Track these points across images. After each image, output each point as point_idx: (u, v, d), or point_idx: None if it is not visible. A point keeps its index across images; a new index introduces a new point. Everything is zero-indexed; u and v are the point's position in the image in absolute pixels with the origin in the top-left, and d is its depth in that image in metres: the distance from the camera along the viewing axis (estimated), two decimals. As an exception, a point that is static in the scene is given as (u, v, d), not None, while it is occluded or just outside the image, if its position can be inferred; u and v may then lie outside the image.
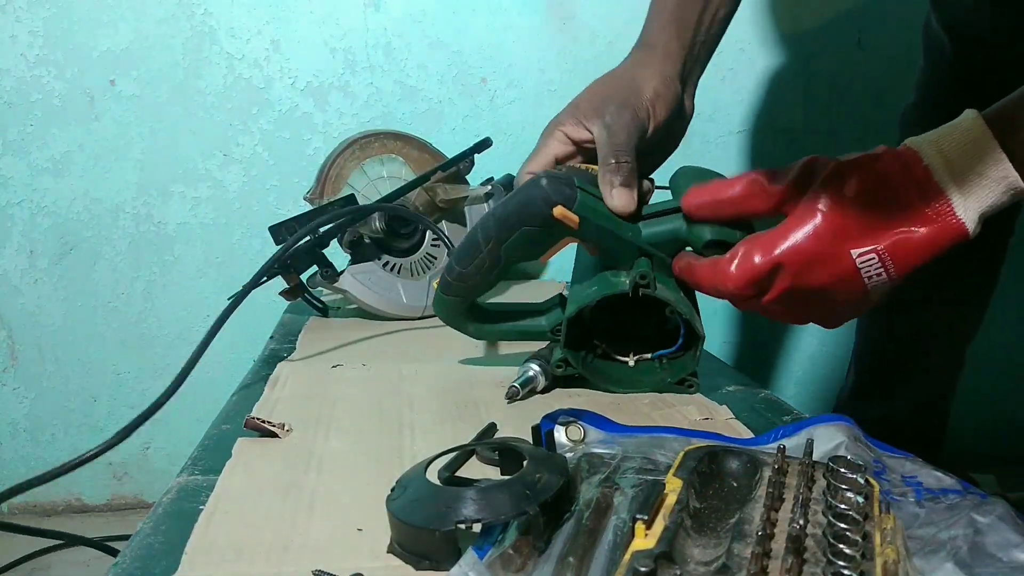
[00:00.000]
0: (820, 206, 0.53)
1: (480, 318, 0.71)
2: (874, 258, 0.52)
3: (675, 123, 0.74)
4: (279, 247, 0.85)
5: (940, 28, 0.95)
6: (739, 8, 0.80)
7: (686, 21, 0.74)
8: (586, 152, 0.71)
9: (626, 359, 0.68)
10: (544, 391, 0.68)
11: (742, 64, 1.35)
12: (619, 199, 0.63)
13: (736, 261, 0.55)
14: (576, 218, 0.60)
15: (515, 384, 0.66)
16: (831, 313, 0.58)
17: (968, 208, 0.50)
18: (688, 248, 0.64)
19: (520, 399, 0.66)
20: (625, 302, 0.64)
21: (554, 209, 0.60)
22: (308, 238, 0.88)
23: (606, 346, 0.68)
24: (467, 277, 0.65)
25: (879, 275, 0.52)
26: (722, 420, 0.61)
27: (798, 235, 0.53)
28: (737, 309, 0.63)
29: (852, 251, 0.52)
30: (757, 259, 0.54)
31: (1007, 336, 1.44)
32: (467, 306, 0.69)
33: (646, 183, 0.69)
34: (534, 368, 0.67)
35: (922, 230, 0.51)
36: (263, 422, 0.58)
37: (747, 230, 0.60)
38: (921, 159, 0.51)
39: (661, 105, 0.71)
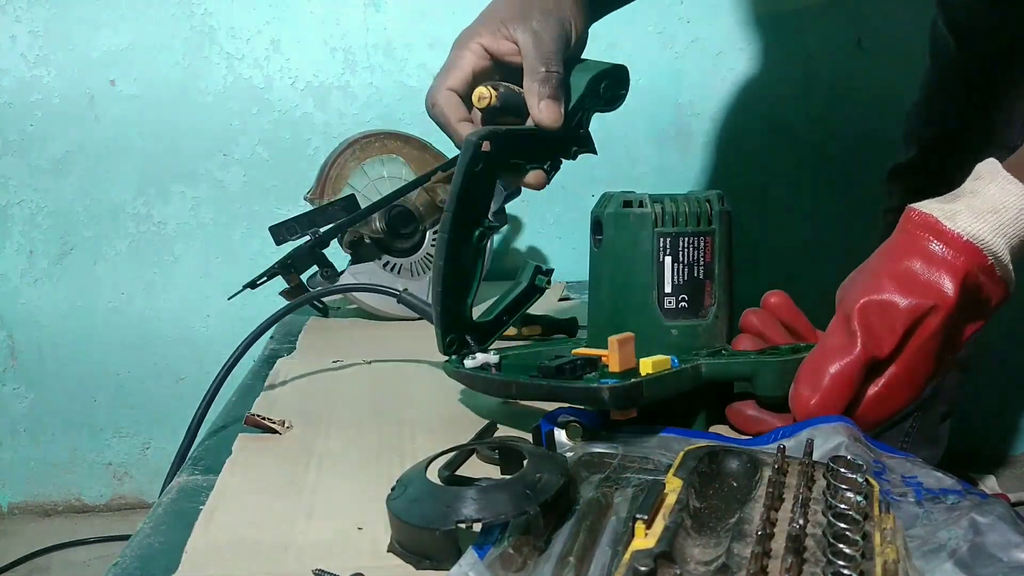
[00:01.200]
0: (914, 358, 0.51)
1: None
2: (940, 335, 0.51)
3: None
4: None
5: (945, 28, 0.95)
6: (739, 9, 0.79)
7: None
8: (504, 68, 0.66)
9: None
10: None
11: (742, 64, 1.35)
12: (547, 111, 0.61)
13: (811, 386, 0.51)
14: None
15: None
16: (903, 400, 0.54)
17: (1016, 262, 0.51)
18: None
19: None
20: None
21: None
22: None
23: None
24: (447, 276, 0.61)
25: (943, 349, 0.52)
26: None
27: (902, 388, 0.52)
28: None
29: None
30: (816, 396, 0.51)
31: (1007, 336, 1.44)
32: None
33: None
34: None
35: (986, 318, 0.52)
36: (263, 419, 0.58)
37: None
38: (987, 258, 0.50)
39: (579, 20, 0.68)
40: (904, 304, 0.50)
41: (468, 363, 0.59)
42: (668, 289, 0.59)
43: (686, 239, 0.60)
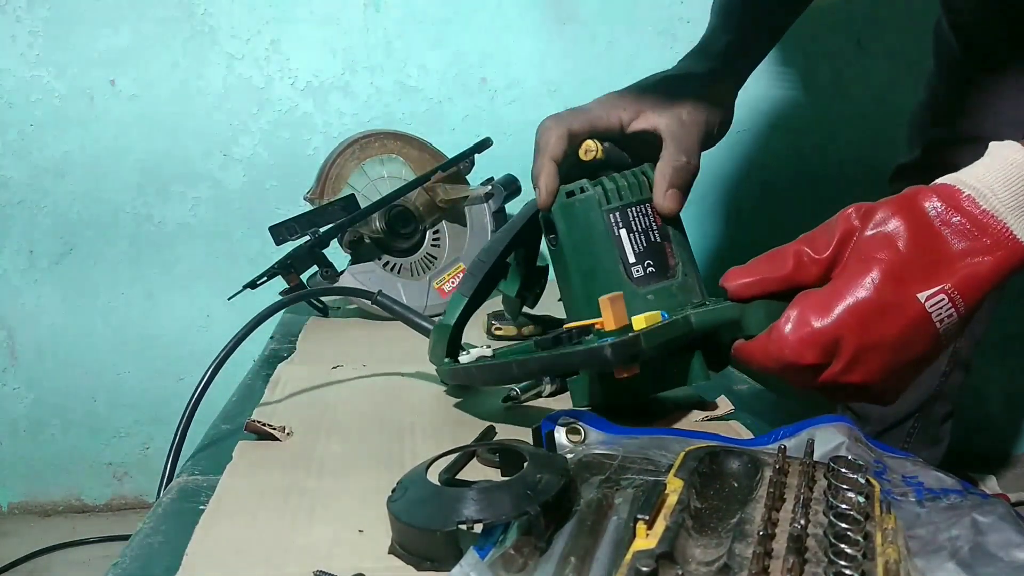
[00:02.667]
0: (875, 255, 0.50)
1: None
2: (943, 299, 0.49)
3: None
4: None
5: (949, 29, 0.95)
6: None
7: (759, 49, 0.76)
8: (628, 140, 0.67)
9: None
10: (552, 396, 0.66)
11: (742, 64, 1.35)
12: (671, 201, 0.61)
13: (790, 325, 0.50)
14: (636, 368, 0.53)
15: (515, 388, 0.65)
16: (904, 373, 0.52)
17: None
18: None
19: (520, 403, 0.65)
20: None
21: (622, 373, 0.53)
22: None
23: None
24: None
25: (950, 316, 0.49)
26: (723, 414, 0.61)
27: (856, 289, 0.49)
28: (799, 395, 0.57)
29: (919, 295, 0.49)
30: (815, 321, 0.49)
31: (1008, 336, 1.44)
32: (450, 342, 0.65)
33: None
34: None
35: (987, 259, 0.49)
36: (264, 425, 0.58)
37: None
38: (961, 190, 0.50)
39: (728, 118, 0.70)
40: (863, 211, 0.52)
41: (464, 359, 0.60)
42: (632, 259, 0.61)
43: (633, 209, 0.62)
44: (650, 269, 0.61)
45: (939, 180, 0.51)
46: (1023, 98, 0.90)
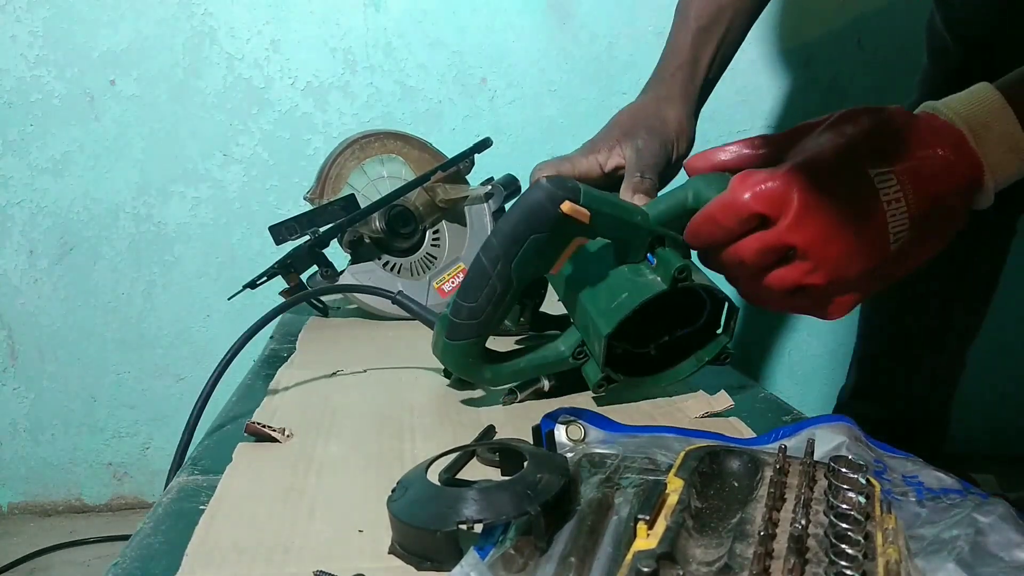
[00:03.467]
0: (831, 134, 0.52)
1: (494, 359, 0.65)
2: (892, 179, 0.50)
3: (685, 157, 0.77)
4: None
5: (943, 27, 0.95)
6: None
7: (700, 64, 0.79)
8: (610, 180, 0.74)
9: (646, 350, 0.66)
10: (549, 394, 0.67)
11: (742, 64, 1.35)
12: (637, 202, 0.66)
13: (741, 177, 0.52)
14: (586, 211, 0.56)
15: (514, 387, 0.65)
16: (852, 271, 0.52)
17: (985, 154, 0.50)
18: None
19: (519, 402, 0.65)
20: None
21: (562, 205, 0.55)
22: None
23: (629, 345, 0.65)
24: (478, 312, 0.59)
25: (898, 203, 0.50)
26: (722, 409, 0.62)
27: (809, 150, 0.52)
28: (744, 296, 0.59)
29: (868, 169, 0.50)
30: (766, 173, 0.51)
31: (1007, 336, 1.44)
32: (479, 348, 0.62)
33: None
34: None
35: (939, 152, 0.50)
36: (263, 427, 0.58)
37: None
38: (934, 113, 0.52)
39: (683, 141, 0.76)
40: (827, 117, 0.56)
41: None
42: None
43: None
44: None
45: (920, 106, 0.54)
46: None
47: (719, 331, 0.66)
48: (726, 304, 0.64)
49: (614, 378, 0.64)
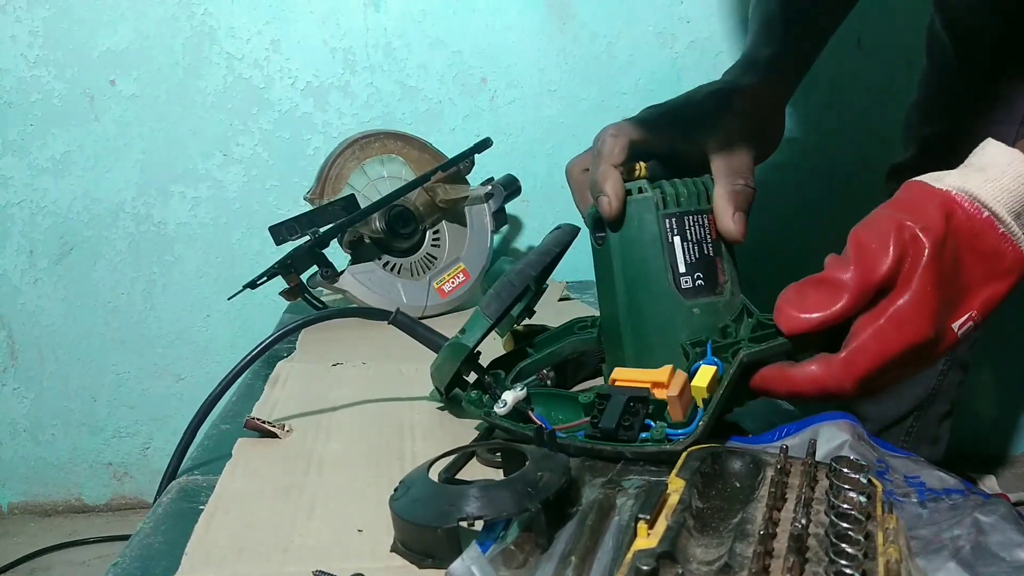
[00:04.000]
0: (923, 287, 0.49)
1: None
2: (970, 323, 0.51)
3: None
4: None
5: (942, 28, 0.95)
6: (739, 10, 0.80)
7: (805, 58, 0.73)
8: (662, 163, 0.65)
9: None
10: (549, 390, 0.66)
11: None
12: (739, 225, 0.59)
13: (852, 356, 0.49)
14: None
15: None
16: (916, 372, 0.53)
17: None
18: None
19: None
20: None
21: None
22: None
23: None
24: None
25: (971, 330, 0.51)
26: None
27: (913, 325, 0.49)
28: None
29: (953, 325, 0.50)
30: (867, 356, 0.49)
31: (1007, 336, 1.44)
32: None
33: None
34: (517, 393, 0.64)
35: (1004, 283, 0.51)
36: (263, 423, 0.58)
37: None
38: (981, 211, 0.50)
39: (776, 137, 0.68)
40: (892, 216, 0.50)
41: (499, 409, 0.55)
42: (683, 269, 0.58)
43: (690, 218, 0.58)
44: (699, 282, 0.58)
45: (952, 184, 0.51)
46: (1016, 97, 0.90)
47: None
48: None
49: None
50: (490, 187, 1.05)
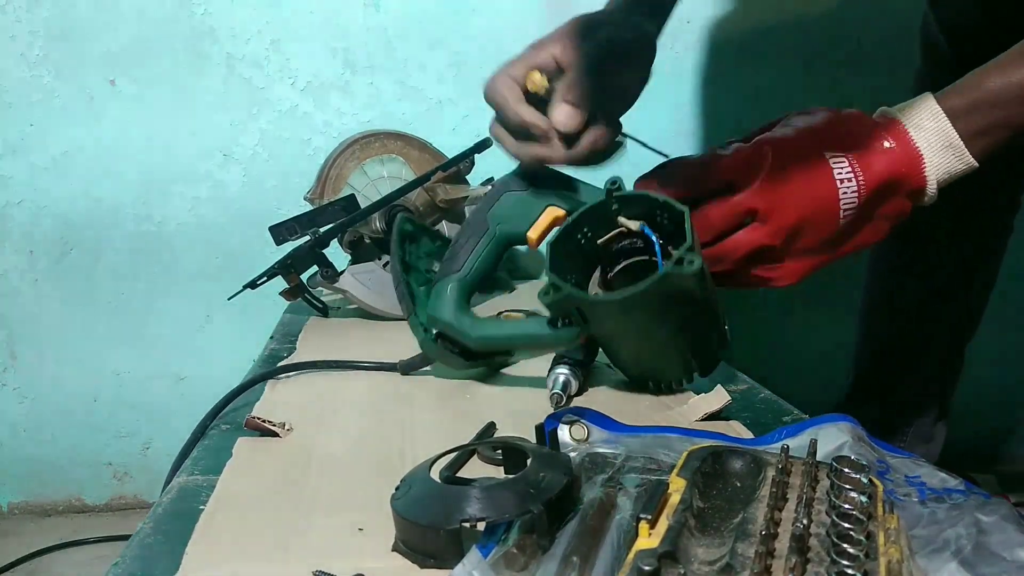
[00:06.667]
0: (795, 122, 0.61)
1: (480, 321, 0.67)
2: (844, 162, 0.58)
3: (646, 76, 0.76)
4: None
5: (937, 28, 0.95)
6: (740, 10, 0.80)
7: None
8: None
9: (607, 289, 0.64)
10: (577, 395, 0.65)
11: (743, 64, 1.35)
12: (562, 115, 0.64)
13: (723, 151, 0.61)
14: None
15: (556, 391, 0.63)
16: (806, 243, 0.59)
17: (923, 148, 0.58)
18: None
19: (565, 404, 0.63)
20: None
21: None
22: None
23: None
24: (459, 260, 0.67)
25: (849, 182, 0.58)
26: (721, 406, 0.60)
27: (775, 132, 0.61)
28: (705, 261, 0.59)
29: (825, 152, 0.58)
30: (740, 149, 0.61)
31: (1007, 336, 1.44)
32: (464, 294, 0.67)
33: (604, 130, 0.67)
34: (564, 372, 0.64)
35: (884, 144, 0.58)
36: (263, 422, 0.58)
37: None
38: (884, 114, 0.61)
39: (648, 57, 0.75)
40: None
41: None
42: None
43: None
44: None
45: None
46: None
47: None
48: (674, 211, 0.59)
49: (560, 286, 0.57)
50: (490, 187, 1.05)
